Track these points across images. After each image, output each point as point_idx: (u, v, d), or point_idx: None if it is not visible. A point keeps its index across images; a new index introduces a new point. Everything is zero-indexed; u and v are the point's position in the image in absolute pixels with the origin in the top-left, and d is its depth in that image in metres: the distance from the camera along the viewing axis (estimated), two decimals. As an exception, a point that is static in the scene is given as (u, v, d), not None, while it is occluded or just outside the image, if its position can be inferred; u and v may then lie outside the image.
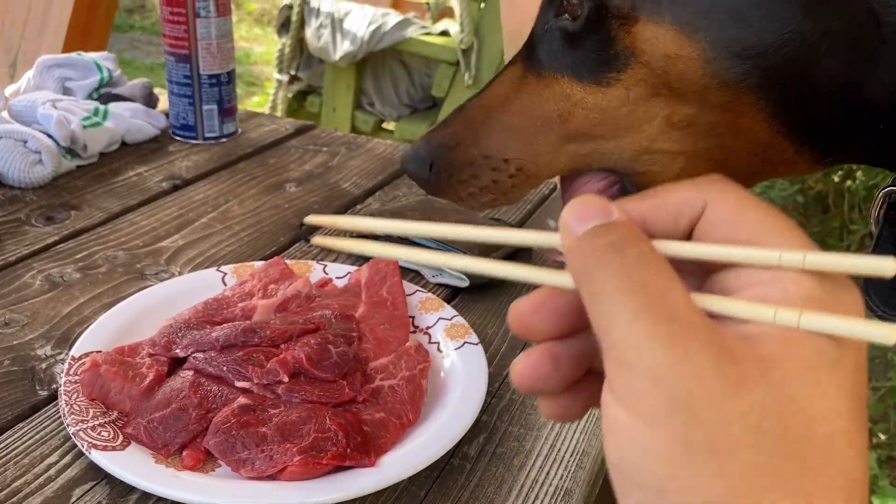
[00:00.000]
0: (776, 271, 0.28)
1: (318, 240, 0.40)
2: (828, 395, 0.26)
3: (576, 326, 0.32)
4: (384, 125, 2.88)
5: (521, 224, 0.94)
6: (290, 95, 2.90)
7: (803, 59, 0.42)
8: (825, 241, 2.43)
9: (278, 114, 2.83)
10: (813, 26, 0.42)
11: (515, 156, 0.49)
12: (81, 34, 2.01)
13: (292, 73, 2.87)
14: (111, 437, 0.55)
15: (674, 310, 0.27)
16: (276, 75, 2.83)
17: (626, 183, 0.48)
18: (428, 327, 0.70)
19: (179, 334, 0.63)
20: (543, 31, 0.49)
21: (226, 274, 0.75)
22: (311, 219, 0.40)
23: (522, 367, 0.32)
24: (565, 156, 0.48)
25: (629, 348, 0.26)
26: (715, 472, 0.25)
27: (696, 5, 0.43)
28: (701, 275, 0.30)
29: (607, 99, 0.46)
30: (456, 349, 0.67)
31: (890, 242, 0.51)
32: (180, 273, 0.79)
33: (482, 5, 2.65)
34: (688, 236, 0.30)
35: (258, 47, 4.94)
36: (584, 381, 0.33)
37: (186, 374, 0.59)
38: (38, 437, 0.58)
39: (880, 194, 0.52)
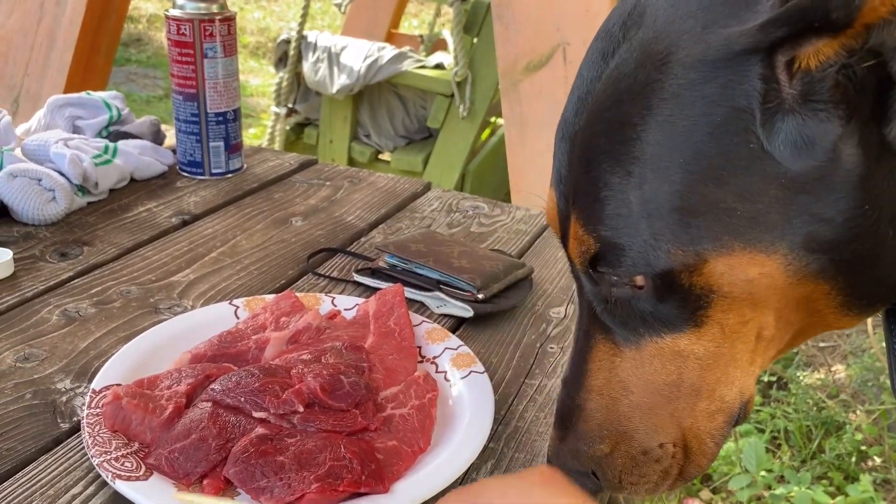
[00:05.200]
0: None
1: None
2: None
3: None
4: (381, 156, 2.92)
5: (520, 255, 0.97)
6: (287, 128, 2.94)
7: (872, 248, 0.42)
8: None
9: (276, 146, 2.87)
10: (874, 211, 0.41)
11: (667, 439, 0.48)
12: (83, 72, 2.05)
13: (290, 106, 2.91)
14: (134, 467, 0.57)
15: None
16: (274, 108, 2.88)
17: None
18: (435, 357, 0.73)
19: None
20: (607, 305, 0.47)
21: (238, 307, 0.78)
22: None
23: None
24: (701, 412, 0.47)
25: None
26: None
27: (763, 221, 0.41)
28: None
29: (705, 341, 0.44)
30: (462, 378, 0.69)
31: None
32: (193, 307, 0.82)
33: (475, 39, 2.71)
34: None
35: (254, 80, 5.00)
36: None
37: (205, 406, 0.61)
38: (61, 468, 0.60)
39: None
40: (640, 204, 0.42)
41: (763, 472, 1.78)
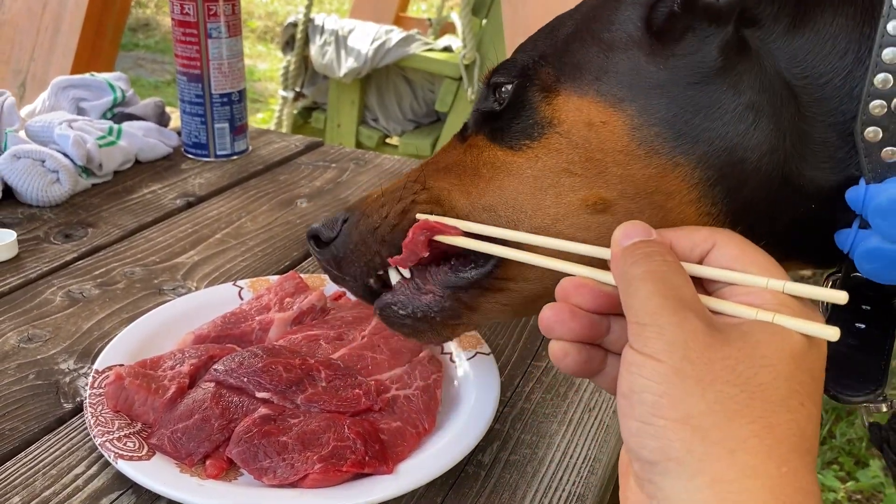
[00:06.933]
0: (758, 290, 0.38)
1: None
2: (790, 366, 0.35)
3: (599, 308, 0.42)
4: (388, 140, 2.91)
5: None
6: (295, 112, 2.93)
7: (732, 131, 0.42)
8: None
9: (284, 130, 2.86)
10: (735, 96, 0.42)
11: (433, 184, 0.52)
12: (89, 55, 2.04)
13: (297, 89, 2.90)
14: (136, 447, 0.57)
15: (681, 294, 0.37)
16: (282, 92, 2.87)
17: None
18: (440, 338, 0.72)
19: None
20: (477, 112, 0.53)
21: (242, 288, 0.77)
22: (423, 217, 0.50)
23: (551, 308, 0.41)
24: (466, 198, 0.50)
25: (646, 314, 0.36)
26: (699, 394, 0.34)
27: (620, 79, 0.44)
28: (701, 292, 0.39)
29: (515, 163, 0.47)
30: (468, 359, 0.68)
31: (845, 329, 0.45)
32: (197, 288, 0.81)
33: (484, 21, 2.68)
34: (699, 264, 0.40)
35: (262, 64, 4.99)
36: (600, 352, 0.43)
37: (208, 386, 0.61)
38: (64, 448, 0.59)
39: (825, 276, 0.49)
40: (549, 31, 0.50)
41: (772, 457, 1.77)
